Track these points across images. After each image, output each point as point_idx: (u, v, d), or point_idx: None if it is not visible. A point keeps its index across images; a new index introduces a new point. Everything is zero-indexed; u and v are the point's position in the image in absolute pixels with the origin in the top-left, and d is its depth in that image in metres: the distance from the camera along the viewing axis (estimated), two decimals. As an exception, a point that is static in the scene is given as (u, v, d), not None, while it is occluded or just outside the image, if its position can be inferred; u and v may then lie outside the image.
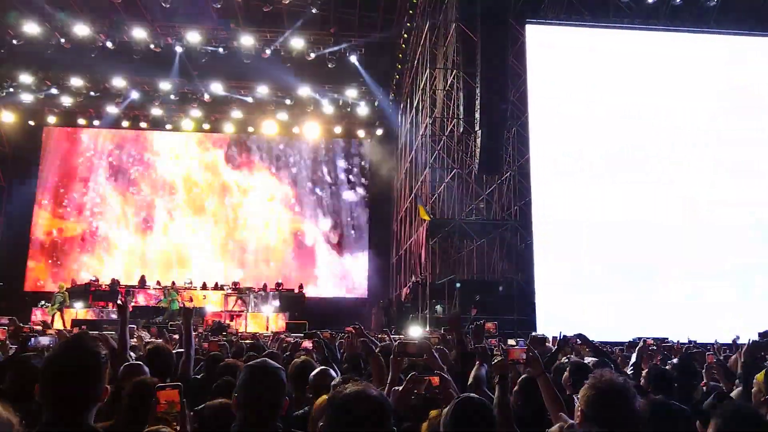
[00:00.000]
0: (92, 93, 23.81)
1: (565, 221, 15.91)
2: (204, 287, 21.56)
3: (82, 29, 20.13)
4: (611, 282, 15.69)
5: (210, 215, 26.01)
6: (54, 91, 23.45)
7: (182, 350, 4.46)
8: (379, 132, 26.48)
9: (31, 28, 20.03)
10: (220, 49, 21.12)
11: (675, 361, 5.11)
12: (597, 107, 16.50)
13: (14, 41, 20.56)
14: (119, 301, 4.83)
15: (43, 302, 19.30)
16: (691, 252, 15.89)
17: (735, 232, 16.10)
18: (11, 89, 23.21)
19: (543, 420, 3.12)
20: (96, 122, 25.39)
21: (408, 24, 20.73)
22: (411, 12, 20.09)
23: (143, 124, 25.75)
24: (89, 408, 2.01)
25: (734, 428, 2.01)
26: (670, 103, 16.72)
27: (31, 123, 25.26)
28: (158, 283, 21.95)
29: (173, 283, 21.45)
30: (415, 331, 11.41)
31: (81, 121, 25.44)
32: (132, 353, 4.76)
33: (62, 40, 20.53)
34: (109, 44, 20.64)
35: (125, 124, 25.54)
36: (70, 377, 1.98)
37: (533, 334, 8.89)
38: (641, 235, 15.89)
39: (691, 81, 16.98)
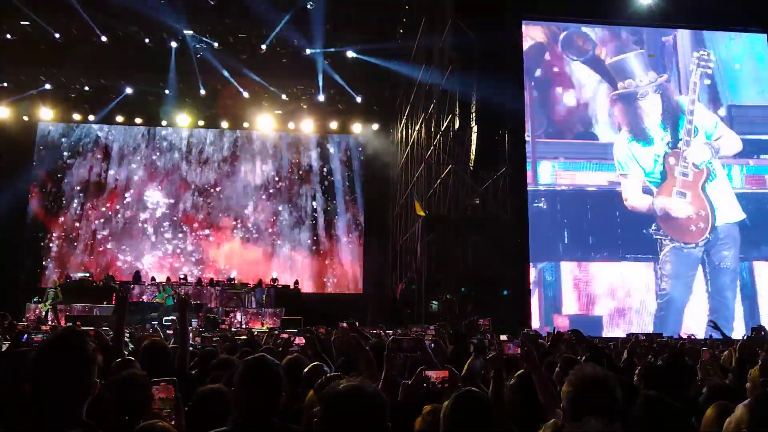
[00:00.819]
0: (86, 88, 23.71)
1: (560, 217, 15.94)
2: (199, 283, 21.51)
3: (76, 24, 20.00)
4: (607, 278, 15.74)
5: (202, 209, 25.92)
6: (48, 86, 23.32)
7: (177, 346, 4.46)
8: (375, 127, 26.45)
9: (25, 22, 19.88)
10: (215, 44, 21.04)
11: (667, 356, 5.13)
12: (593, 103, 16.51)
13: (8, 36, 20.42)
14: (119, 294, 4.83)
15: (36, 298, 19.22)
16: (689, 249, 15.95)
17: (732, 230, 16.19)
18: (5, 84, 23.07)
19: (537, 415, 3.12)
20: (91, 117, 25.24)
21: (404, 20, 20.70)
22: (407, 8, 20.04)
23: (138, 120, 25.63)
24: (79, 403, 2.00)
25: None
26: (667, 98, 16.73)
27: (26, 118, 25.11)
28: (153, 279, 21.89)
29: (168, 278, 21.40)
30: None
31: (76, 117, 25.28)
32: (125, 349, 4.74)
33: (56, 35, 20.41)
34: (103, 39, 20.53)
35: (119, 119, 25.41)
36: (57, 372, 1.97)
37: (526, 330, 8.92)
38: (638, 233, 15.93)
39: (688, 77, 16.99)
